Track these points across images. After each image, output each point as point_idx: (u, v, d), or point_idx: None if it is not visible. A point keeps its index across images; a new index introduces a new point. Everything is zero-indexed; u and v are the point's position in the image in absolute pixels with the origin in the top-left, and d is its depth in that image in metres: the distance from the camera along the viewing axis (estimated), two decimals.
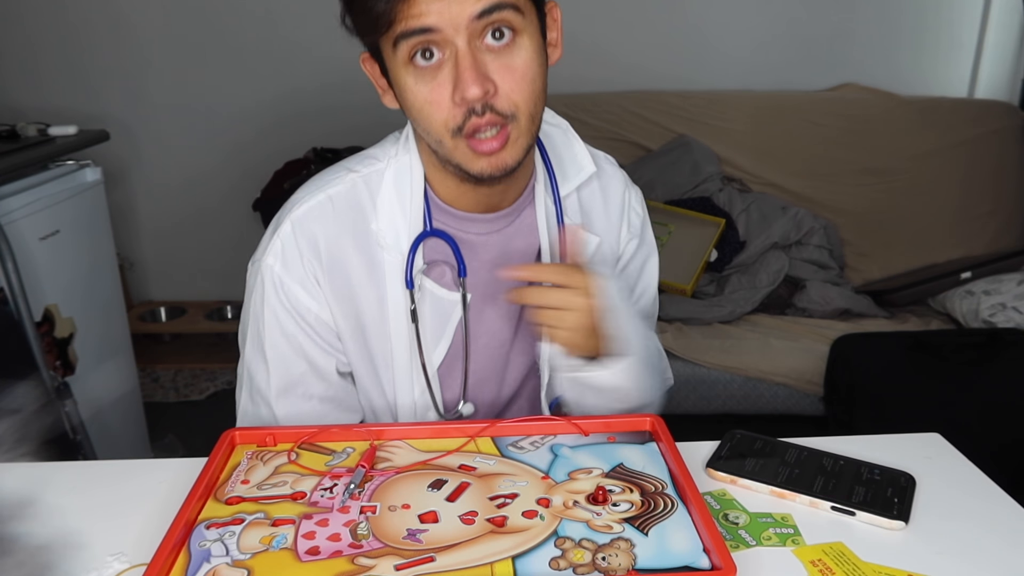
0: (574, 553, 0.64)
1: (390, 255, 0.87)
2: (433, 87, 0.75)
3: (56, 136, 1.94)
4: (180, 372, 2.70)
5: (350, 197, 0.88)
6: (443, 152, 0.80)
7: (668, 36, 2.71)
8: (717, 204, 2.46)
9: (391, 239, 0.87)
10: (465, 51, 0.73)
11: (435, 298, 0.89)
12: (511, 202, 0.90)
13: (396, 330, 0.89)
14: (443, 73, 0.75)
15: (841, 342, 2.05)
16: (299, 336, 0.88)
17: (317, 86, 2.69)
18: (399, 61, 0.76)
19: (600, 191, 0.97)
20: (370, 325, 0.89)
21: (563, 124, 0.96)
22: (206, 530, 0.67)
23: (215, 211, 2.82)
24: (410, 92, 0.77)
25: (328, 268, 0.87)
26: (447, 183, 0.87)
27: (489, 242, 0.90)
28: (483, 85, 0.74)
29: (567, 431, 0.82)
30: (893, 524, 0.72)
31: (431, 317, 0.90)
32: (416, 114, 0.78)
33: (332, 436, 0.81)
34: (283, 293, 0.87)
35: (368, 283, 0.88)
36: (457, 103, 0.75)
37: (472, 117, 0.75)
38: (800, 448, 0.83)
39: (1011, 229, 2.52)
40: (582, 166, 0.94)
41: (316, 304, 0.87)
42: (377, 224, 0.87)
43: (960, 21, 2.72)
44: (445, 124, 0.77)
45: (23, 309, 1.62)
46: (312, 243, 0.86)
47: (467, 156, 0.79)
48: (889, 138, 2.52)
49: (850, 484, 0.77)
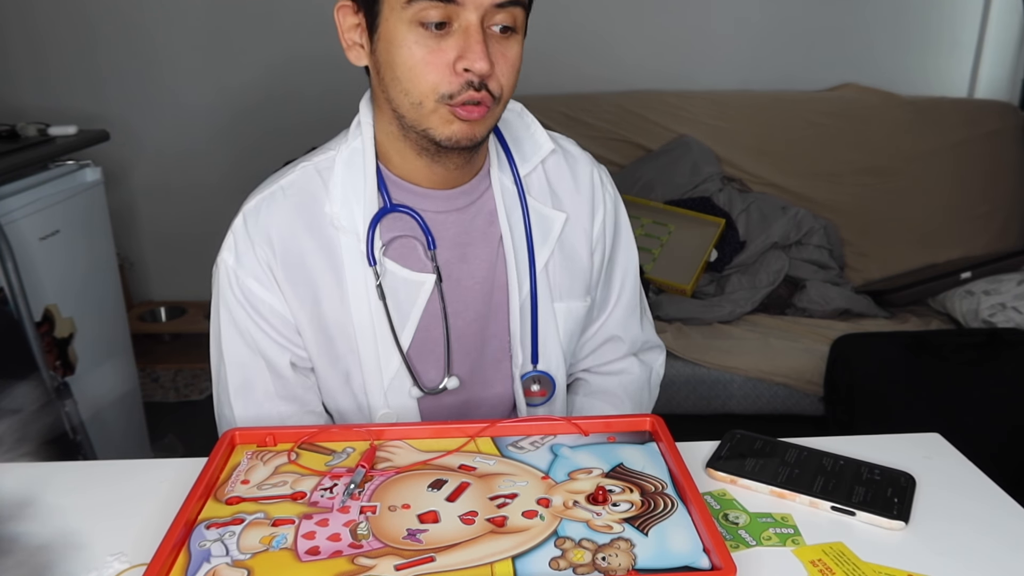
0: (574, 553, 0.64)
1: (346, 237, 0.87)
2: (434, 50, 0.77)
3: (56, 136, 1.94)
4: (180, 372, 2.70)
5: (301, 184, 0.88)
6: (414, 116, 0.81)
7: (668, 36, 2.71)
8: (717, 204, 2.46)
9: (346, 220, 0.87)
10: (477, 27, 0.76)
11: (398, 279, 0.89)
12: (466, 180, 0.90)
13: (358, 312, 0.88)
14: (448, 41, 0.77)
15: (841, 342, 2.05)
16: (253, 331, 0.89)
17: (317, 87, 2.69)
18: (404, 18, 0.77)
19: (568, 168, 0.97)
20: (329, 312, 0.88)
21: (517, 107, 0.97)
22: (206, 530, 0.67)
23: (215, 211, 2.80)
24: (405, 50, 0.77)
25: (282, 257, 0.87)
26: (404, 155, 0.87)
27: (448, 220, 0.90)
28: (490, 63, 0.77)
29: (567, 431, 0.82)
30: (893, 524, 0.72)
31: (394, 298, 0.89)
32: (403, 72, 0.79)
33: (332, 436, 0.81)
34: (237, 287, 0.87)
35: (325, 268, 0.87)
36: (459, 72, 0.77)
37: (469, 90, 0.78)
38: (800, 448, 0.83)
39: (1011, 229, 2.52)
40: (540, 144, 0.95)
41: (270, 295, 0.87)
42: (331, 207, 0.87)
43: (960, 21, 2.72)
44: (435, 87, 0.78)
45: (23, 309, 1.62)
46: (264, 233, 0.86)
47: (440, 121, 0.80)
48: (889, 138, 2.52)
49: (850, 484, 0.77)
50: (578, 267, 0.97)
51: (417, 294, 0.89)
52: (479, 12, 0.76)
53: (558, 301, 0.96)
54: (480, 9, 0.76)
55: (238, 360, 0.90)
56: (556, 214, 0.95)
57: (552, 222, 0.94)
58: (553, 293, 0.96)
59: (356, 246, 0.87)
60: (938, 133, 2.52)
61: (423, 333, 0.91)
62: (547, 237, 0.94)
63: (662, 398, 2.29)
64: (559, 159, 0.97)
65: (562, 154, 0.97)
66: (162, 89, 2.73)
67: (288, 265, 0.87)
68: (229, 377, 0.90)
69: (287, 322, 0.89)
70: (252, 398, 0.90)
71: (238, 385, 0.90)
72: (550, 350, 0.96)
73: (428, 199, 0.89)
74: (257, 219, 0.87)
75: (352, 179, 0.88)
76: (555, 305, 0.96)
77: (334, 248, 0.87)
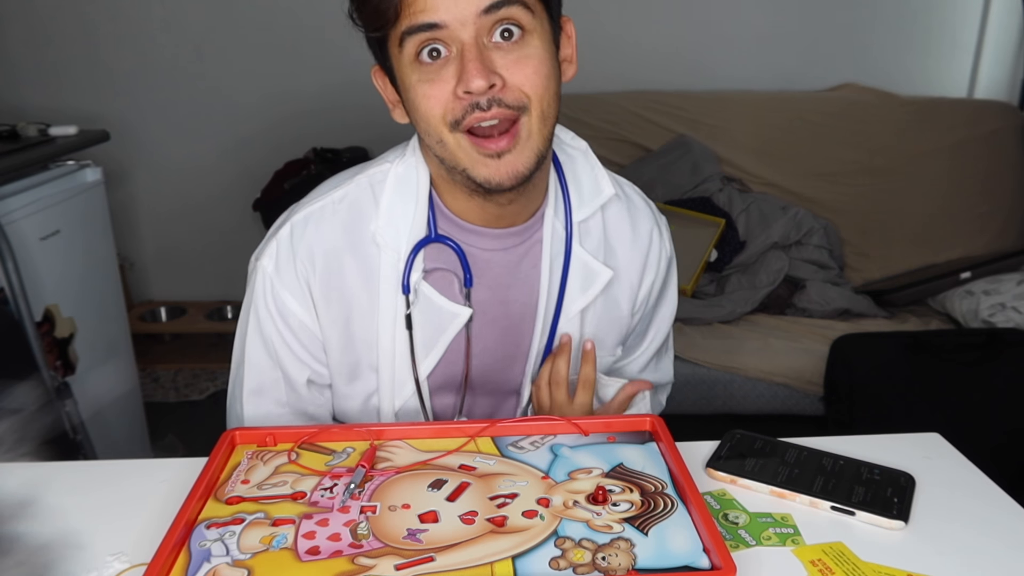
0: (574, 553, 0.64)
1: (386, 255, 0.85)
2: (435, 82, 0.73)
3: (56, 136, 1.94)
4: (180, 372, 2.70)
5: (353, 199, 0.86)
6: (446, 156, 0.77)
7: (668, 36, 2.71)
8: (717, 204, 2.46)
9: (389, 238, 0.84)
10: (471, 45, 0.72)
11: (433, 306, 0.86)
12: (523, 220, 0.86)
13: (384, 333, 0.86)
14: (447, 69, 0.73)
15: (841, 342, 2.05)
16: (277, 344, 0.87)
17: (317, 86, 2.70)
18: (405, 60, 0.74)
19: (628, 220, 0.92)
20: (359, 330, 0.87)
21: (582, 146, 0.92)
22: (206, 530, 0.67)
23: (215, 211, 2.82)
24: (412, 90, 0.75)
25: (321, 275, 0.85)
26: (455, 196, 0.84)
27: (494, 259, 0.87)
28: (488, 77, 0.71)
29: (567, 431, 0.82)
30: (893, 524, 0.72)
31: (425, 325, 0.87)
32: (418, 115, 0.76)
33: (332, 436, 0.81)
34: (271, 296, 0.86)
35: (362, 287, 0.86)
36: (460, 97, 0.73)
37: (475, 111, 0.73)
38: (800, 448, 0.83)
39: (1011, 229, 2.52)
40: (601, 189, 0.90)
41: (303, 310, 0.86)
42: (376, 223, 0.85)
43: (960, 21, 2.72)
44: (443, 117, 0.74)
45: (23, 309, 1.62)
46: (307, 249, 0.85)
47: (472, 157, 0.76)
48: (889, 138, 2.52)
49: (850, 484, 0.77)
50: (616, 322, 0.94)
51: (449, 325, 0.87)
52: (470, 28, 0.72)
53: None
54: (468, 24, 0.71)
55: (257, 365, 0.89)
56: (603, 269, 0.90)
57: (597, 276, 0.90)
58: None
59: (394, 266, 0.85)
60: (938, 133, 2.52)
61: (446, 365, 0.90)
62: (588, 288, 0.90)
63: None
64: (621, 208, 0.92)
65: (625, 203, 0.92)
66: (162, 89, 2.73)
67: (326, 284, 0.85)
68: (246, 378, 0.90)
69: (315, 338, 0.88)
70: (264, 403, 0.90)
71: (253, 388, 0.90)
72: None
73: (476, 235, 0.86)
74: (304, 233, 0.85)
75: (402, 199, 0.85)
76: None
77: (373, 266, 0.85)
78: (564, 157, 0.90)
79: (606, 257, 0.91)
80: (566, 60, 0.82)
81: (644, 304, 0.96)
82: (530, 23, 0.74)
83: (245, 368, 0.90)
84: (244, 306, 0.90)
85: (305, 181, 2.60)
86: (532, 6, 0.74)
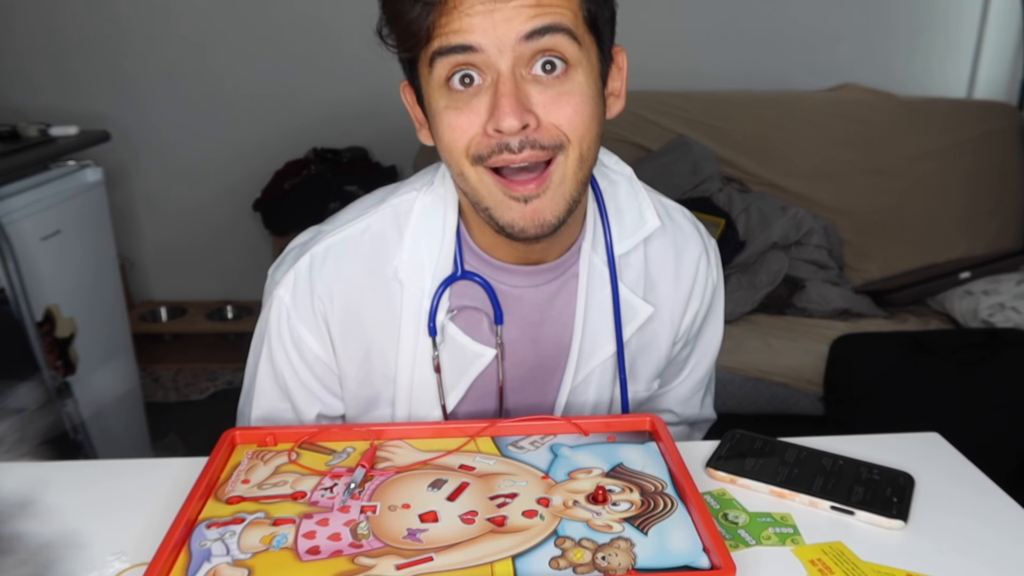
0: (574, 553, 0.64)
1: (409, 291, 0.80)
2: (463, 112, 0.67)
3: (57, 136, 1.94)
4: (181, 372, 2.70)
5: (377, 230, 0.81)
6: (468, 189, 0.71)
7: (668, 36, 2.71)
8: (717, 204, 2.46)
9: (413, 275, 0.79)
10: (508, 76, 0.65)
11: (456, 345, 0.82)
12: (555, 257, 0.80)
13: (403, 372, 0.82)
14: (479, 100, 0.66)
15: (840, 342, 2.05)
16: (288, 376, 0.85)
17: (317, 86, 2.70)
18: (434, 82, 0.68)
19: (674, 251, 0.85)
20: (378, 366, 0.83)
21: (627, 171, 0.85)
22: (207, 530, 0.67)
23: (216, 211, 2.82)
24: (438, 117, 0.68)
25: (340, 313, 0.81)
26: (483, 230, 0.78)
27: (525, 296, 0.81)
28: (522, 117, 0.65)
29: (567, 431, 0.82)
30: (892, 523, 0.72)
31: (446, 364, 0.82)
32: (441, 144, 0.70)
33: (332, 436, 0.81)
34: (287, 329, 0.82)
35: (382, 326, 0.81)
36: (489, 134, 0.66)
37: (504, 152, 0.66)
38: (800, 448, 0.83)
39: (1010, 229, 2.52)
40: (645, 220, 0.82)
41: (319, 346, 0.82)
42: (400, 257, 0.79)
43: (959, 22, 2.72)
44: (466, 151, 0.68)
45: (24, 309, 1.62)
46: (326, 285, 0.80)
47: (495, 197, 0.69)
48: (889, 138, 2.52)
49: (849, 484, 0.77)
50: (654, 356, 0.88)
51: (471, 365, 0.82)
52: (508, 56, 0.64)
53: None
54: (506, 51, 0.64)
55: (266, 394, 0.87)
56: (644, 306, 0.83)
57: (637, 312, 0.83)
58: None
59: (417, 304, 0.80)
60: (937, 133, 2.52)
61: (467, 404, 0.86)
62: (627, 325, 0.83)
63: None
64: (666, 239, 0.85)
65: (671, 232, 0.85)
66: (163, 89, 2.73)
67: (345, 321, 0.81)
68: (255, 403, 0.87)
69: (330, 372, 0.85)
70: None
71: (261, 415, 0.88)
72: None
73: (505, 272, 0.80)
74: (323, 268, 0.80)
75: (428, 233, 0.79)
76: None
77: (395, 303, 0.80)
78: (605, 183, 0.83)
79: (646, 292, 0.84)
80: (613, 94, 0.75)
81: (687, 334, 0.90)
82: (575, 56, 0.67)
83: (255, 392, 0.87)
84: (259, 328, 0.86)
85: (305, 181, 2.60)
86: (580, 37, 0.67)
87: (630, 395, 0.87)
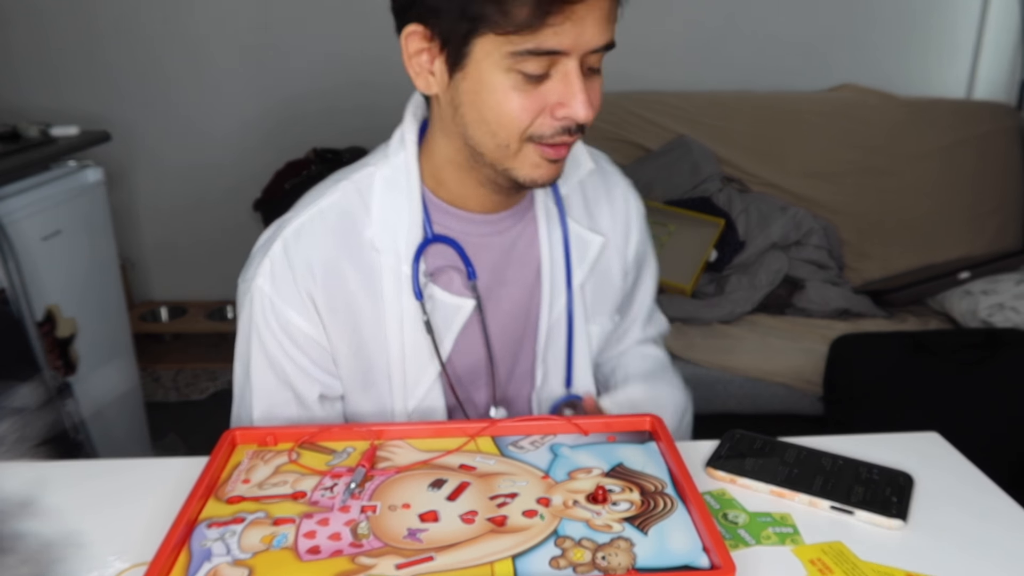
0: (574, 552, 0.64)
1: (386, 258, 0.84)
2: (532, 96, 0.74)
3: (58, 137, 1.94)
4: (181, 372, 2.70)
5: (342, 206, 0.85)
6: (497, 157, 0.78)
7: (668, 36, 2.71)
8: (717, 204, 2.46)
9: (388, 242, 0.84)
10: (578, 74, 0.73)
11: (437, 304, 0.87)
12: (515, 204, 0.89)
13: (392, 338, 0.86)
14: (547, 86, 0.74)
15: (840, 342, 2.05)
16: (284, 364, 0.86)
17: (317, 87, 2.70)
18: (503, 64, 0.73)
19: (604, 188, 0.97)
20: (368, 337, 0.86)
21: None
22: (207, 529, 0.67)
23: (216, 211, 2.82)
24: (500, 95, 0.74)
25: (323, 284, 0.84)
26: (464, 183, 0.84)
27: (492, 244, 0.89)
28: (591, 112, 0.75)
29: (567, 431, 0.82)
30: (891, 523, 0.73)
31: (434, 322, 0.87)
32: (493, 116, 0.75)
33: (332, 436, 0.81)
34: (273, 315, 0.84)
35: (365, 293, 0.85)
36: (558, 118, 0.75)
37: (564, 134, 0.76)
38: (800, 448, 0.83)
39: (1010, 229, 2.52)
40: (580, 163, 0.93)
41: (309, 325, 0.84)
42: (372, 229, 0.84)
43: (958, 22, 2.72)
44: (523, 131, 0.75)
45: (25, 309, 1.63)
46: (305, 261, 0.83)
47: (527, 163, 0.78)
48: (888, 138, 2.52)
49: (849, 484, 0.77)
50: (611, 289, 0.97)
51: (454, 318, 0.87)
52: (578, 57, 0.73)
53: (592, 323, 0.96)
54: (580, 54, 0.73)
55: (264, 388, 0.87)
56: (594, 237, 0.93)
57: (590, 245, 0.93)
58: (588, 314, 0.95)
59: (396, 269, 0.85)
60: (937, 133, 2.52)
61: (458, 358, 0.90)
62: (584, 259, 0.93)
63: None
64: (596, 178, 0.96)
65: (599, 172, 0.96)
66: (163, 89, 2.73)
67: (330, 293, 0.84)
68: (255, 402, 0.88)
69: (323, 351, 0.86)
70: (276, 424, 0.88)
71: (263, 412, 0.88)
72: (582, 372, 0.95)
73: (471, 223, 0.87)
74: (298, 246, 0.84)
75: (394, 202, 0.84)
76: (589, 327, 0.95)
77: (374, 271, 0.85)
78: None
79: (590, 227, 0.95)
80: None
81: (634, 267, 0.99)
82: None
83: (252, 394, 0.88)
84: (241, 330, 0.88)
85: (305, 181, 2.60)
86: None
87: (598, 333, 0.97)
